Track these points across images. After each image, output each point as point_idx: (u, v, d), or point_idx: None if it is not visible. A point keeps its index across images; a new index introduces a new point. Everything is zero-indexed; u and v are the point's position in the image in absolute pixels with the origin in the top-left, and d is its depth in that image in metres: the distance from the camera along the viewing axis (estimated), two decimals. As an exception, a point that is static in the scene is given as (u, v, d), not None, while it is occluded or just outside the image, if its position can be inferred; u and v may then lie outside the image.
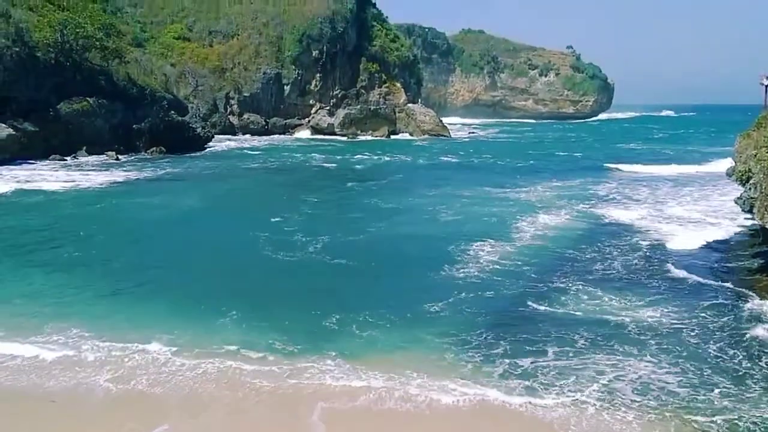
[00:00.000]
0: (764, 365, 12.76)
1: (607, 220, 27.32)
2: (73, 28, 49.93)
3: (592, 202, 32.01)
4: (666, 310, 15.95)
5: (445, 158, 57.93)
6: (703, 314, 15.64)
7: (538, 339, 14.12)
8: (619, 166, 48.79)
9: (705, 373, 12.45)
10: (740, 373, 12.44)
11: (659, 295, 17.11)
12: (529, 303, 16.50)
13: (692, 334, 14.42)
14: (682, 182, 39.65)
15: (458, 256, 20.78)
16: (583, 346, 13.73)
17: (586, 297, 16.95)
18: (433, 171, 47.89)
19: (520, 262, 20.29)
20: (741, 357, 13.17)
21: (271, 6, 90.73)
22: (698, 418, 10.86)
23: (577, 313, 15.83)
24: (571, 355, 13.35)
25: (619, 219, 27.52)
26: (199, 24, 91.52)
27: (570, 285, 17.99)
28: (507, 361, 13.03)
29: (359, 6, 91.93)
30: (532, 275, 18.92)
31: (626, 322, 15.14)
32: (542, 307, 16.16)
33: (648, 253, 21.63)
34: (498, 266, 19.86)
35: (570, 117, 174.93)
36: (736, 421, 10.71)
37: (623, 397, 11.54)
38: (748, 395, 11.56)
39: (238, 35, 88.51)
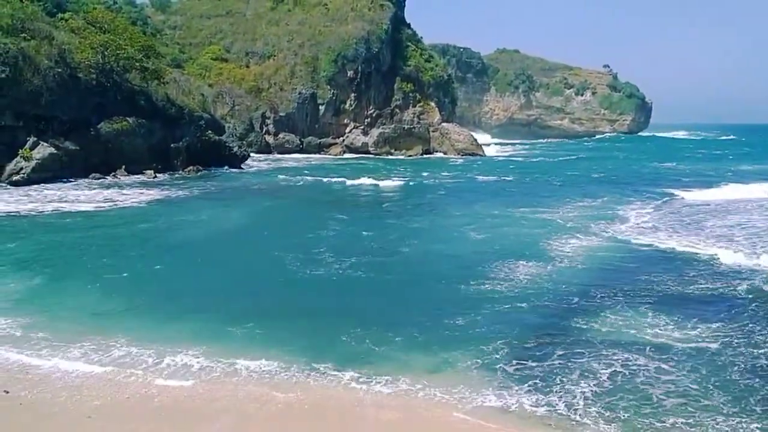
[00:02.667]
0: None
1: (642, 242, 26.74)
2: (114, 49, 51.03)
3: (625, 223, 31.32)
4: (707, 332, 15.61)
5: (479, 177, 57.65)
6: (741, 337, 15.25)
7: (567, 358, 13.97)
8: (654, 188, 47.99)
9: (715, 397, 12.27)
10: None
11: (702, 317, 16.71)
12: (561, 322, 16.35)
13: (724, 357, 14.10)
14: (716, 204, 38.67)
15: (490, 276, 20.61)
16: (608, 364, 13.64)
17: (621, 317, 16.68)
18: (466, 190, 47.67)
19: (553, 283, 20.03)
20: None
21: (306, 27, 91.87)
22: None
23: (607, 330, 15.70)
24: (594, 372, 13.26)
25: (656, 240, 26.98)
26: (236, 45, 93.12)
27: (603, 305, 17.75)
28: (535, 378, 12.99)
29: (394, 27, 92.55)
30: (564, 296, 18.67)
31: (664, 342, 14.88)
32: (572, 326, 15.96)
33: (687, 275, 21.12)
34: (531, 286, 19.65)
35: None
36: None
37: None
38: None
39: (275, 56, 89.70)
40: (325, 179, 52.78)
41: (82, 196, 38.31)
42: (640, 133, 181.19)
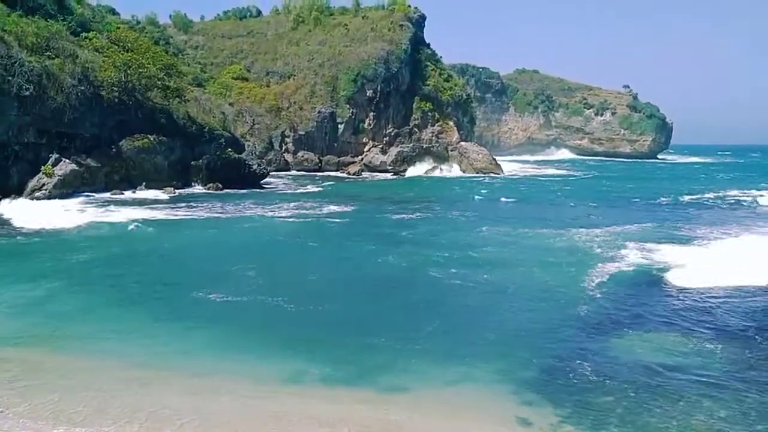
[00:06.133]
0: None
1: (668, 266, 26.29)
2: (137, 68, 51.83)
3: (638, 248, 30.43)
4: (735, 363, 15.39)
5: (502, 198, 57.69)
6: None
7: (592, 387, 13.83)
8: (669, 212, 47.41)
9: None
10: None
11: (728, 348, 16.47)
12: (584, 342, 16.34)
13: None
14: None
15: (512, 299, 20.51)
16: (635, 386, 13.54)
17: (646, 341, 16.65)
18: (480, 209, 47.66)
19: (574, 305, 19.98)
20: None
21: (326, 47, 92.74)
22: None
23: (632, 353, 15.57)
24: (623, 392, 13.22)
25: (684, 263, 26.42)
26: (257, 65, 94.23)
27: (625, 328, 17.72)
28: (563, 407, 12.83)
29: (413, 47, 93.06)
30: (586, 318, 18.63)
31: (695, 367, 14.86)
32: (594, 347, 15.87)
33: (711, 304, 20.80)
34: (559, 310, 19.62)
35: (626, 157, 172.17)
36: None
37: None
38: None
39: (295, 75, 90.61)
40: (342, 195, 52.72)
41: (100, 212, 38.59)
42: (659, 155, 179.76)
